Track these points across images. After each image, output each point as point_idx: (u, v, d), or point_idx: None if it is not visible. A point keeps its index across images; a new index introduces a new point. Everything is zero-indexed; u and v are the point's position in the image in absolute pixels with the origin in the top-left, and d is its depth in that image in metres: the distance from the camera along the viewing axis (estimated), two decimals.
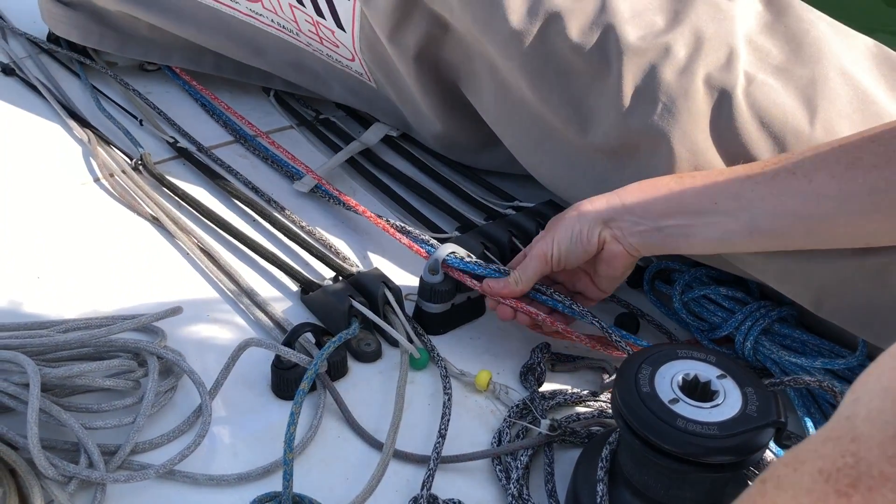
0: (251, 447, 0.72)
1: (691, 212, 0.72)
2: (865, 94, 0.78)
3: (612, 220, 0.75)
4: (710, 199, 0.71)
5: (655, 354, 0.64)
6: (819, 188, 0.66)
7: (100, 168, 1.04)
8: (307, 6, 1.01)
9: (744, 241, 0.71)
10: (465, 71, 0.94)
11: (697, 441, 0.58)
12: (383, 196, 1.05)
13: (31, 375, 0.66)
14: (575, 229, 0.76)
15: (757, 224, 0.69)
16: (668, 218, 0.73)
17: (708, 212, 0.71)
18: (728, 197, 0.70)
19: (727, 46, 0.78)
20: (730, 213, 0.70)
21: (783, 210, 0.68)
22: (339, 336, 0.77)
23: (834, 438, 0.36)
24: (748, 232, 0.70)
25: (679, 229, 0.72)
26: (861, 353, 0.77)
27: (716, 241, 0.72)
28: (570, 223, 0.76)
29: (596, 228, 0.75)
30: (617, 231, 0.75)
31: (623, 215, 0.74)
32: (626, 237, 0.75)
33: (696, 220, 0.71)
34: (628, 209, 0.74)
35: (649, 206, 0.73)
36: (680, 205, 0.72)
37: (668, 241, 0.74)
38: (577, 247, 0.76)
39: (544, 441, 0.73)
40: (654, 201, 0.73)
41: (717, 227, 0.71)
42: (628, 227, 0.74)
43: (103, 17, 1.19)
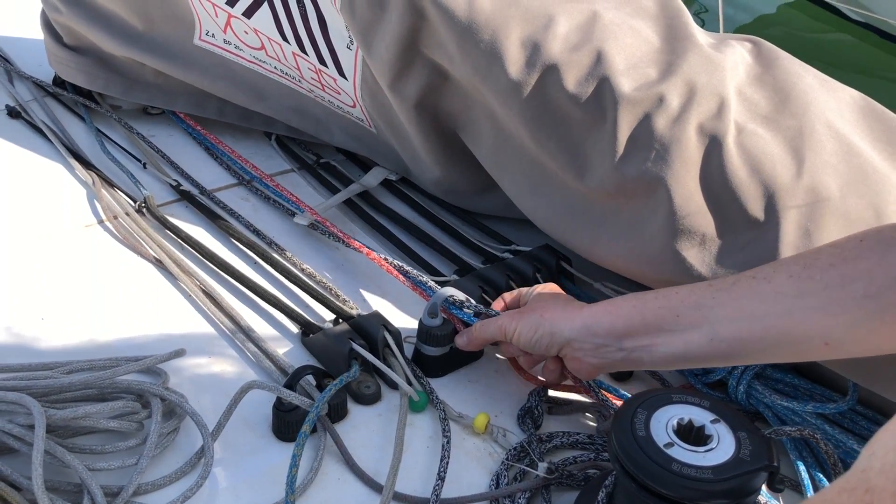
0: (252, 489, 0.73)
1: (654, 329, 0.72)
2: (850, 147, 0.81)
3: (575, 340, 0.75)
4: (673, 313, 0.71)
5: (651, 399, 0.65)
6: (777, 287, 0.67)
7: (104, 210, 1.06)
8: (310, 55, 1.04)
9: (705, 351, 0.70)
10: (465, 118, 0.97)
11: (692, 485, 0.59)
12: (382, 239, 1.06)
13: (36, 417, 0.67)
14: (538, 333, 0.77)
15: (717, 332, 0.69)
16: (630, 338, 0.73)
17: (670, 328, 0.71)
18: (689, 308, 0.71)
19: (718, 97, 0.81)
20: (692, 326, 0.70)
21: (741, 314, 0.68)
22: (340, 379, 0.78)
23: (849, 490, 0.38)
24: (709, 341, 0.69)
25: (641, 349, 0.73)
26: (852, 398, 0.78)
27: (678, 356, 0.72)
28: (534, 325, 0.77)
29: (556, 345, 0.76)
30: (578, 352, 0.76)
31: (585, 337, 0.75)
32: (587, 357, 0.75)
33: (658, 338, 0.72)
34: (591, 331, 0.75)
35: (612, 327, 0.74)
36: (642, 323, 0.72)
37: (631, 359, 0.74)
38: (537, 347, 0.78)
39: (542, 484, 0.74)
40: (616, 321, 0.74)
41: (678, 343, 0.71)
42: (590, 349, 0.75)
43: (109, 62, 1.22)
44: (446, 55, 0.89)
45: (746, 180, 0.78)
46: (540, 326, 0.77)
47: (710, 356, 0.71)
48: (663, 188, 0.79)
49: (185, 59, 1.16)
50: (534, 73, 0.83)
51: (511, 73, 0.83)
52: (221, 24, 1.10)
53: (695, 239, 0.80)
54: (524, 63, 0.83)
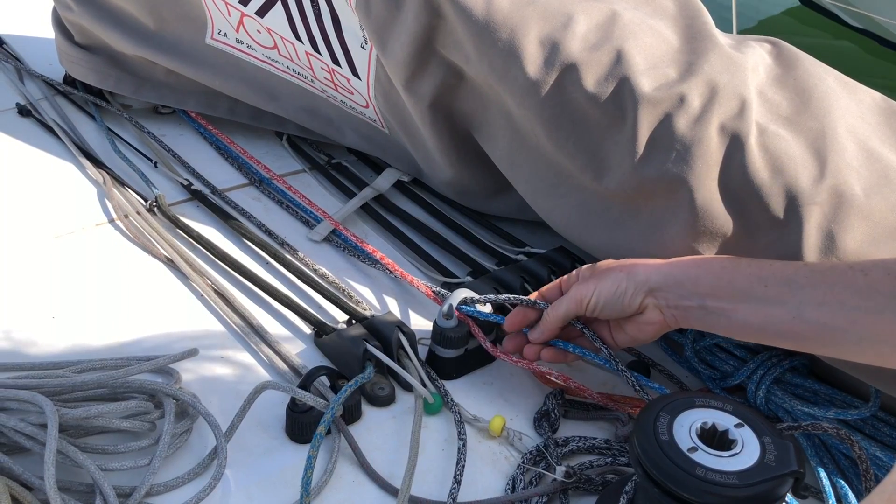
0: (265, 490, 0.72)
1: (739, 295, 0.71)
2: (871, 150, 0.80)
3: (660, 289, 0.74)
4: (762, 283, 0.70)
5: (673, 403, 0.64)
6: (872, 282, 0.66)
7: (115, 209, 1.05)
8: (323, 54, 1.03)
9: (784, 329, 0.69)
10: (480, 119, 0.96)
11: (718, 490, 0.58)
12: (395, 241, 1.06)
13: (49, 416, 0.66)
14: (621, 287, 0.75)
15: (802, 312, 0.68)
16: (714, 298, 0.72)
17: (756, 297, 0.70)
18: (779, 282, 0.69)
19: (739, 97, 0.80)
20: (778, 300, 0.69)
21: (831, 300, 0.67)
22: (356, 380, 0.77)
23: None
24: (791, 319, 0.68)
25: (721, 312, 0.72)
26: (874, 404, 0.77)
27: (756, 327, 0.71)
28: (618, 279, 0.75)
29: (641, 294, 0.74)
30: (661, 301, 0.74)
31: (672, 287, 0.74)
32: (669, 308, 0.74)
33: (742, 304, 0.71)
34: (678, 281, 0.73)
35: (699, 282, 0.73)
36: (730, 285, 0.71)
37: (709, 319, 0.73)
38: (617, 304, 0.76)
39: (559, 488, 0.73)
40: (704, 277, 0.73)
41: (760, 314, 0.70)
42: (673, 300, 0.74)
43: (120, 61, 1.21)
44: (463, 54, 0.88)
45: (768, 181, 0.77)
46: (622, 279, 0.75)
47: (787, 335, 0.70)
48: (684, 189, 0.78)
49: (197, 59, 1.16)
50: (552, 72, 0.82)
51: (529, 72, 0.82)
52: (234, 23, 1.09)
53: (716, 240, 0.79)
54: (542, 62, 0.82)
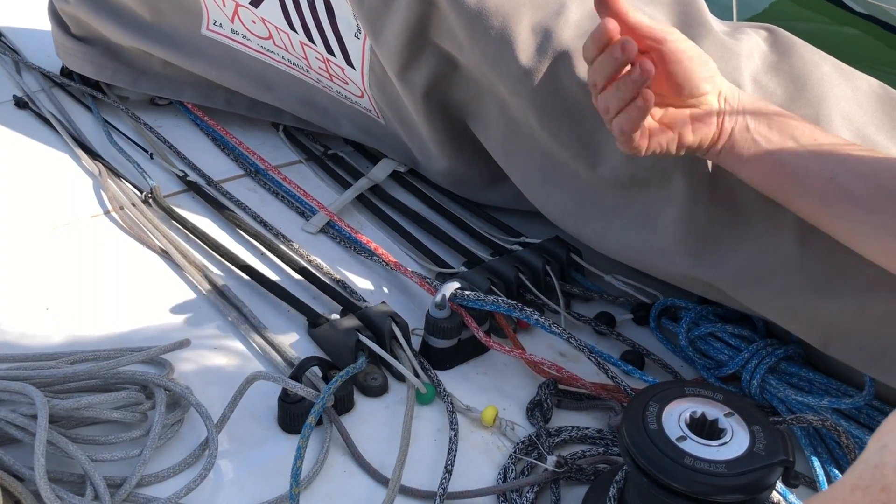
0: (257, 481, 0.72)
1: (789, 135, 0.70)
2: (866, 138, 0.79)
3: (727, 99, 0.72)
4: (812, 136, 0.70)
5: (663, 392, 0.64)
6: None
7: (110, 200, 1.05)
8: (318, 44, 1.03)
9: (815, 186, 0.68)
10: (474, 108, 0.95)
11: (706, 479, 0.58)
12: (390, 231, 1.05)
13: (39, 407, 0.66)
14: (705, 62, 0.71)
15: (838, 176, 0.68)
16: (768, 129, 0.71)
17: (804, 144, 0.70)
18: (830, 143, 0.69)
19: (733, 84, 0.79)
20: (822, 155, 0.69)
21: (870, 175, 0.67)
22: (347, 370, 0.77)
23: (862, 487, 0.36)
24: (827, 179, 0.68)
25: (769, 143, 0.71)
26: (868, 392, 0.77)
27: (787, 168, 0.70)
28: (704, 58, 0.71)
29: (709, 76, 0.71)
30: (722, 106, 0.72)
31: (734, 95, 0.72)
32: (726, 117, 0.72)
33: (790, 144, 0.70)
34: (741, 101, 0.72)
35: (759, 111, 0.72)
36: (785, 124, 0.71)
37: (750, 148, 0.71)
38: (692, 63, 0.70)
39: (550, 478, 0.73)
40: (766, 109, 0.72)
41: (798, 159, 0.69)
42: (732, 113, 0.72)
43: (117, 52, 1.21)
44: (455, 43, 0.87)
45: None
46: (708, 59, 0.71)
47: (813, 193, 0.69)
48: (678, 177, 0.78)
49: (193, 50, 1.15)
50: (545, 60, 0.82)
51: (522, 60, 0.82)
52: (229, 14, 1.09)
53: (710, 228, 0.78)
54: (535, 50, 0.82)
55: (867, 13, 4.21)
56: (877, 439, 0.39)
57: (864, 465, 0.38)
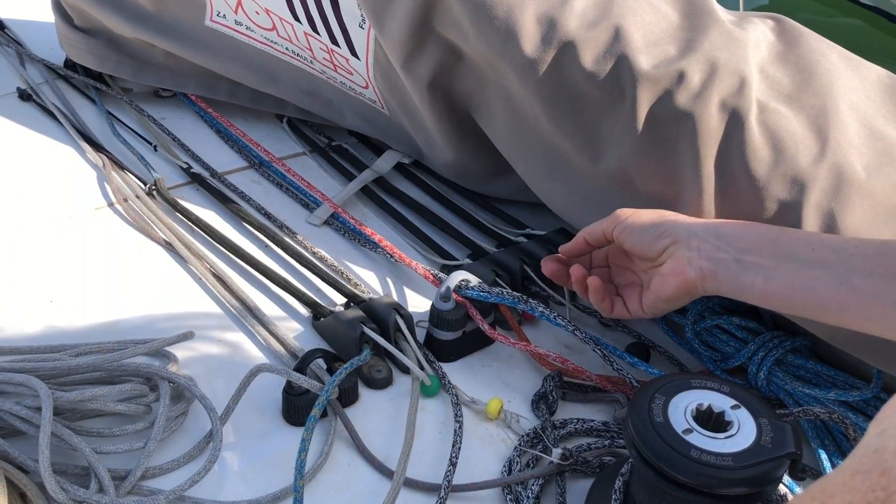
0: (261, 473, 0.72)
1: (783, 254, 0.67)
2: (873, 128, 0.79)
3: (696, 236, 0.70)
4: (808, 246, 0.66)
5: (669, 384, 0.64)
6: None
7: (114, 193, 1.05)
8: (322, 34, 1.02)
9: (828, 296, 0.64)
10: (478, 99, 0.95)
11: (712, 472, 0.58)
12: (395, 223, 1.05)
13: (43, 399, 0.66)
14: (656, 222, 0.72)
15: (850, 279, 0.63)
16: (755, 253, 0.68)
17: (801, 258, 0.66)
18: (828, 247, 0.66)
19: (740, 74, 0.78)
20: (824, 264, 0.65)
21: (884, 270, 0.63)
22: (351, 362, 0.77)
23: (863, 472, 0.36)
24: (837, 286, 0.64)
25: (760, 269, 0.67)
26: (876, 385, 0.76)
27: (796, 291, 0.66)
28: (660, 215, 0.73)
29: (673, 236, 0.71)
30: (694, 250, 0.70)
31: (710, 237, 0.70)
32: (701, 258, 0.70)
33: (784, 263, 0.66)
34: (718, 233, 0.70)
35: (741, 238, 0.69)
36: (774, 244, 0.67)
37: (743, 277, 0.68)
38: (647, 235, 0.72)
39: (556, 470, 0.72)
40: (748, 235, 0.69)
41: (803, 276, 0.65)
42: (707, 250, 0.70)
43: (120, 44, 1.21)
44: (460, 33, 0.87)
45: (769, 160, 0.75)
46: (662, 216, 0.73)
47: (830, 305, 0.65)
48: (684, 167, 0.77)
49: (196, 41, 1.15)
50: (550, 50, 0.81)
51: (526, 50, 0.81)
52: (232, 5, 1.08)
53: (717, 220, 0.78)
54: (540, 40, 0.81)
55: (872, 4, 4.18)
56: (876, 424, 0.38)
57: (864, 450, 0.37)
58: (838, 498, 0.36)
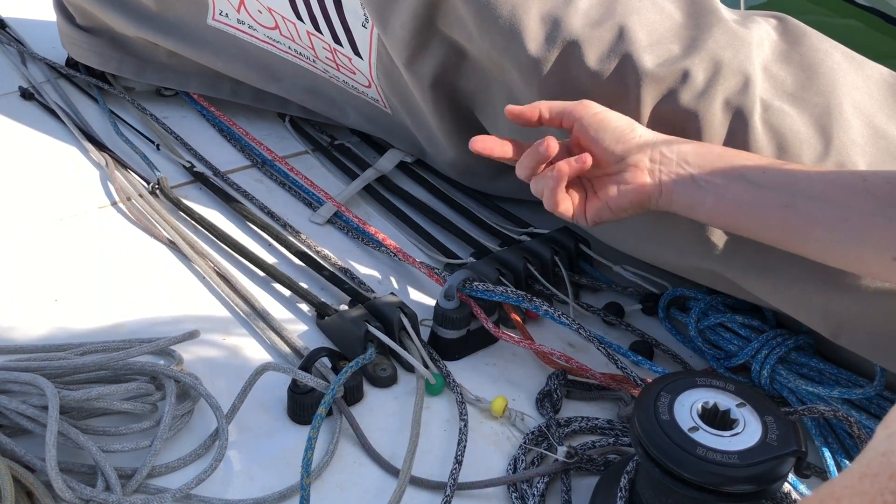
0: (267, 472, 0.72)
1: (735, 174, 0.69)
2: (877, 127, 0.79)
3: (656, 146, 0.72)
4: (760, 168, 0.69)
5: (674, 382, 0.64)
6: (871, 187, 0.64)
7: (117, 192, 1.05)
8: (325, 34, 1.02)
9: (774, 216, 0.68)
10: (482, 98, 0.95)
11: (718, 470, 0.58)
12: (398, 221, 1.05)
13: (50, 398, 0.66)
14: (623, 120, 0.73)
15: (795, 202, 0.67)
16: (708, 172, 0.70)
17: (751, 179, 0.69)
18: (778, 171, 0.69)
19: (744, 73, 0.79)
20: (773, 186, 0.68)
21: (826, 196, 0.66)
22: (357, 361, 0.77)
23: (871, 475, 0.36)
24: (783, 207, 0.67)
25: (713, 187, 0.70)
26: (879, 383, 0.76)
27: (744, 208, 0.69)
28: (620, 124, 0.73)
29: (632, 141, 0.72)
30: (656, 161, 0.72)
31: (668, 148, 0.72)
32: (661, 171, 0.71)
33: (735, 183, 0.69)
34: (676, 147, 0.72)
35: (698, 153, 0.71)
36: (729, 164, 0.70)
37: (695, 195, 0.70)
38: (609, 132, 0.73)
39: (561, 468, 0.73)
40: (705, 151, 0.71)
41: (751, 195, 0.68)
42: (669, 164, 0.71)
43: (122, 43, 1.21)
44: (464, 32, 0.87)
45: (773, 158, 0.75)
46: (630, 121, 0.73)
47: (773, 223, 0.68)
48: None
49: (199, 40, 1.15)
50: (554, 49, 0.81)
51: (531, 49, 0.81)
52: (235, 4, 1.08)
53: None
54: (544, 39, 0.81)
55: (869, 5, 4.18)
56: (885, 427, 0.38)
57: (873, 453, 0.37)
58: (846, 501, 0.36)
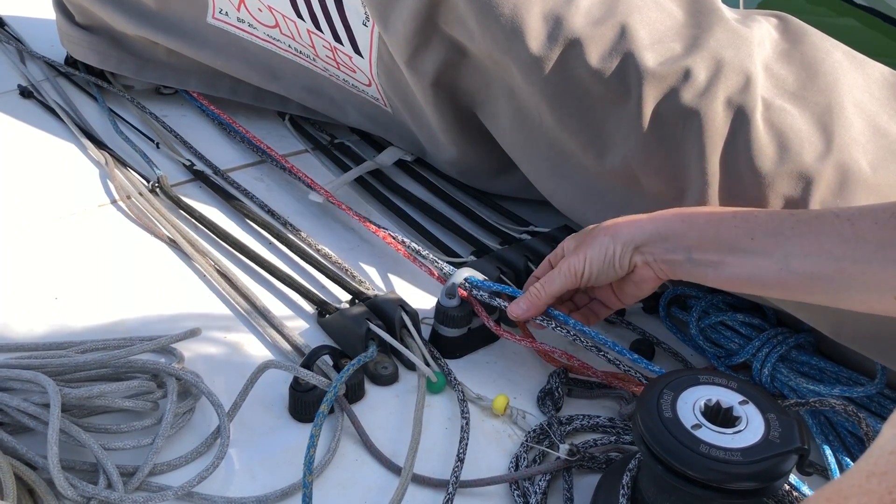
0: (269, 469, 0.72)
1: (725, 248, 0.70)
2: (878, 125, 0.79)
3: (645, 245, 0.74)
4: (747, 235, 0.70)
5: (677, 380, 0.64)
6: (860, 231, 0.65)
7: (117, 190, 1.05)
8: (325, 32, 1.02)
9: (772, 280, 0.69)
10: (483, 97, 0.95)
11: (721, 467, 0.58)
12: (398, 220, 1.05)
13: (51, 396, 0.66)
14: (609, 251, 0.75)
15: (789, 263, 0.68)
16: (700, 251, 0.72)
17: (742, 249, 0.70)
18: (765, 234, 0.69)
19: (745, 72, 0.79)
20: (765, 252, 0.69)
21: (818, 250, 0.66)
22: (358, 359, 0.77)
23: (879, 474, 0.36)
24: (778, 270, 0.68)
25: (709, 264, 0.71)
26: (880, 381, 0.77)
27: (744, 279, 0.71)
28: (604, 244, 0.75)
29: (628, 253, 0.75)
30: (649, 257, 0.74)
31: (656, 242, 0.73)
32: (657, 263, 0.74)
33: (728, 257, 0.70)
34: (662, 236, 0.73)
35: (684, 236, 0.72)
36: (715, 238, 0.71)
37: (697, 271, 0.73)
38: (608, 269, 0.76)
39: (562, 466, 0.73)
40: (689, 231, 0.72)
41: (747, 266, 0.70)
42: (660, 254, 0.74)
43: (121, 41, 1.20)
44: (465, 30, 0.87)
45: (774, 157, 0.76)
46: (608, 243, 0.75)
47: (775, 286, 0.70)
48: (690, 165, 0.78)
49: (199, 38, 1.15)
50: (556, 48, 0.81)
51: (532, 48, 0.81)
52: (235, 2, 1.08)
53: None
54: (546, 38, 0.81)
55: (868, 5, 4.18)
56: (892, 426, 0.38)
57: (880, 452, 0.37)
58: (854, 500, 0.36)
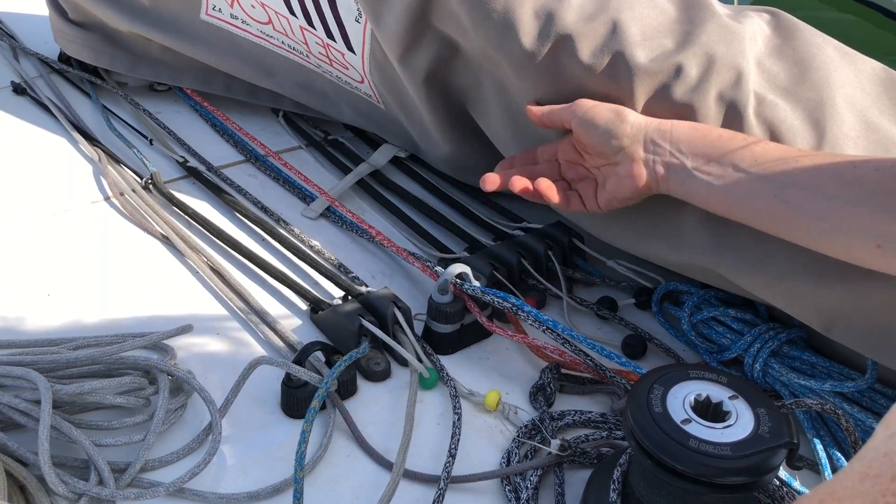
0: (261, 465, 0.72)
1: (729, 163, 0.71)
2: (869, 121, 0.79)
3: (653, 139, 0.74)
4: (753, 157, 0.70)
5: (667, 375, 0.64)
6: (859, 175, 0.65)
7: (110, 187, 1.04)
8: (318, 28, 1.02)
9: (764, 206, 0.69)
10: (474, 94, 0.95)
11: (710, 462, 0.58)
12: (392, 216, 1.05)
13: (42, 392, 0.66)
14: (615, 118, 0.75)
15: (785, 192, 0.68)
16: (703, 161, 0.72)
17: (745, 168, 0.70)
18: (770, 160, 0.70)
19: (737, 67, 0.79)
20: (765, 176, 0.69)
21: (815, 186, 0.67)
22: (350, 355, 0.77)
23: (872, 476, 0.35)
24: (772, 197, 0.68)
25: (707, 176, 0.72)
26: (871, 376, 0.77)
27: (736, 198, 0.71)
28: (615, 110, 0.76)
29: (628, 137, 0.75)
30: (650, 152, 0.74)
31: (663, 140, 0.74)
32: (657, 164, 0.74)
33: (729, 172, 0.71)
34: (670, 137, 0.74)
35: (694, 144, 0.73)
36: (723, 152, 0.71)
37: (689, 184, 0.73)
38: (605, 136, 0.76)
39: (554, 461, 0.73)
40: (701, 141, 0.73)
41: (744, 185, 0.70)
42: (662, 154, 0.74)
43: (115, 38, 1.20)
44: (458, 27, 0.87)
45: None
46: (620, 113, 0.75)
47: (764, 213, 0.70)
48: None
49: (192, 35, 1.15)
50: (547, 43, 0.81)
51: (524, 44, 0.81)
52: None
53: (710, 216, 0.78)
54: (538, 33, 0.81)
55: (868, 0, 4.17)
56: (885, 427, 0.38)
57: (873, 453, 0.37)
58: (847, 502, 0.36)
